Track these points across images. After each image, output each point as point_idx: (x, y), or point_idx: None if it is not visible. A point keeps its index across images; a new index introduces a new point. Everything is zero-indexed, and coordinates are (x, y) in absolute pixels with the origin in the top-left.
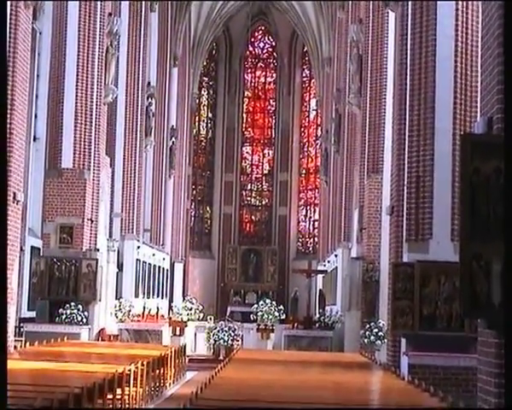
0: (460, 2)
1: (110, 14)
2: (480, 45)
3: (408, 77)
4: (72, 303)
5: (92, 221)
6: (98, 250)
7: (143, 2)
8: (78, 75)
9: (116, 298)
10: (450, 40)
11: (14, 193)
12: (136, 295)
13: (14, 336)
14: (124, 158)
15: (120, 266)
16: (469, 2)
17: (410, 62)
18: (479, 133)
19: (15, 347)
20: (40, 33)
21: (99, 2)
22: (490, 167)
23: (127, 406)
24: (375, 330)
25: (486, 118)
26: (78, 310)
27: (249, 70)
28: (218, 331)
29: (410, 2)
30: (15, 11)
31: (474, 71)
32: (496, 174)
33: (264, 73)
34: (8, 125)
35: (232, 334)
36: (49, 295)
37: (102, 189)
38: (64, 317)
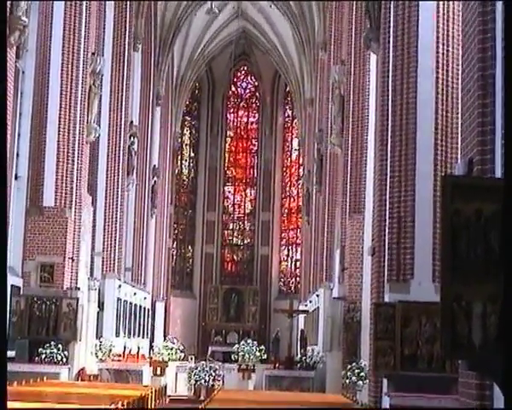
0: (441, 46)
1: (93, 54)
2: (461, 88)
3: (389, 118)
4: (52, 342)
5: (73, 260)
6: (79, 289)
7: (127, 42)
8: (60, 114)
9: (97, 337)
10: (431, 82)
11: None
12: (117, 335)
13: None
14: (105, 197)
15: (101, 306)
16: (450, 46)
17: (392, 104)
18: (459, 175)
19: None
20: (23, 72)
21: (82, 42)
22: (470, 209)
23: None
24: (357, 370)
25: (467, 159)
26: (58, 349)
27: (232, 110)
28: (199, 371)
29: (391, 45)
30: None
31: (455, 113)
32: (476, 216)
33: (246, 113)
34: None
35: (213, 374)
36: (29, 334)
37: (84, 227)
38: (44, 356)
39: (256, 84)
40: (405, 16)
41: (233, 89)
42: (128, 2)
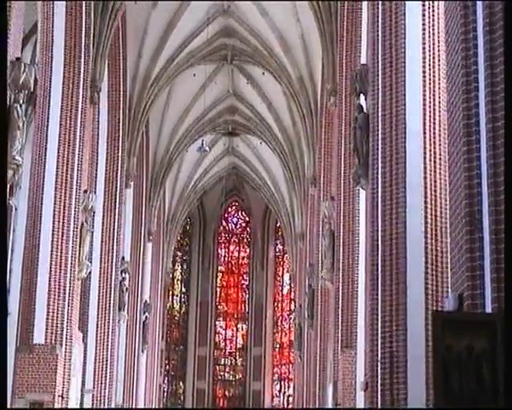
0: (428, 186)
1: (86, 191)
2: (449, 223)
3: (379, 253)
4: None
5: (63, 397)
6: None
7: (119, 179)
8: (52, 251)
9: None
10: (420, 219)
11: None
12: None
13: None
14: (96, 333)
15: None
16: (437, 185)
17: (381, 239)
18: (450, 310)
19: None
20: (16, 209)
21: (75, 179)
22: (461, 345)
23: None
24: None
25: (457, 294)
26: None
27: (223, 245)
28: None
29: (379, 181)
30: None
31: (444, 248)
32: (467, 351)
33: (237, 248)
34: None
35: None
36: None
37: (74, 364)
38: None
39: (247, 219)
40: (393, 153)
41: (224, 224)
42: (120, 141)
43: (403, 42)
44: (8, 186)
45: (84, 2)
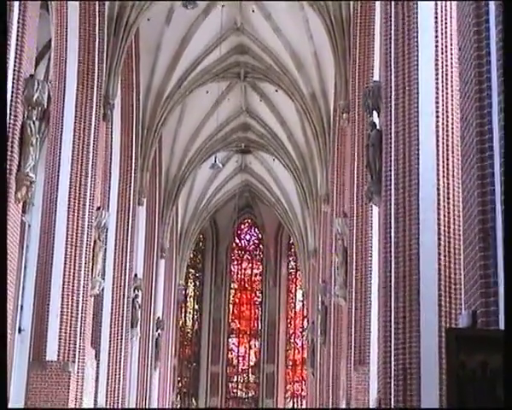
0: (442, 202)
1: (99, 208)
2: (463, 240)
3: (392, 270)
4: None
5: None
6: None
7: (132, 196)
8: (65, 267)
9: None
10: (434, 236)
11: None
12: None
13: None
14: (109, 350)
15: None
16: (451, 199)
17: (395, 255)
18: (463, 327)
19: None
20: (29, 226)
21: (88, 197)
22: (475, 361)
23: None
24: None
25: (471, 311)
26: None
27: (235, 262)
28: None
29: (392, 198)
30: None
31: (458, 265)
32: (481, 368)
33: (250, 265)
34: None
35: None
36: None
37: (87, 381)
38: None
39: (260, 236)
40: (406, 169)
41: (237, 241)
42: (133, 158)
43: (415, 58)
44: (22, 203)
45: (97, 19)
